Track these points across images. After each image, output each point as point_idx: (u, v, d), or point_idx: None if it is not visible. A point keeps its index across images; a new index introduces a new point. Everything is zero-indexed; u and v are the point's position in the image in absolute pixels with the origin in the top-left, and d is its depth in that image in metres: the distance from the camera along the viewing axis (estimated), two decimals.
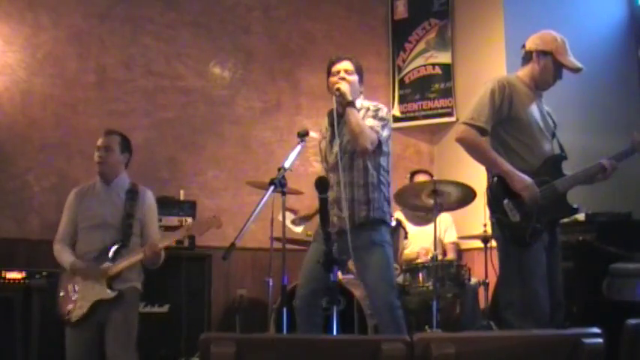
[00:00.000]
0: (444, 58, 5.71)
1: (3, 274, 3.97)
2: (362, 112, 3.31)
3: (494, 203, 3.13)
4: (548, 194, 3.05)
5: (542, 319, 2.92)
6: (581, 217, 4.04)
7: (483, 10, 5.42)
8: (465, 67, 5.60)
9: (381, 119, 3.28)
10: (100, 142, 3.52)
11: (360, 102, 3.38)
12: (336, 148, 3.25)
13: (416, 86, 5.80)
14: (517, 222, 3.02)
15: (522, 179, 3.02)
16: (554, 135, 3.28)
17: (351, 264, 3.46)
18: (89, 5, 5.14)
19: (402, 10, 5.95)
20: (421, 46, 5.81)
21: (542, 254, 3.02)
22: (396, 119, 5.86)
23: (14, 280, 3.98)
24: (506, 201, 3.05)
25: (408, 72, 5.85)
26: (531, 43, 3.24)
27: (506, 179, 3.04)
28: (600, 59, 5.09)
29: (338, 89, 3.21)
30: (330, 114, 3.35)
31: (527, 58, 3.25)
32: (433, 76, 5.74)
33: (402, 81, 5.88)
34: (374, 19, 6.04)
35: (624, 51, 5.33)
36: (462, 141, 3.11)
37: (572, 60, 3.20)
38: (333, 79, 3.33)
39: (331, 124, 3.34)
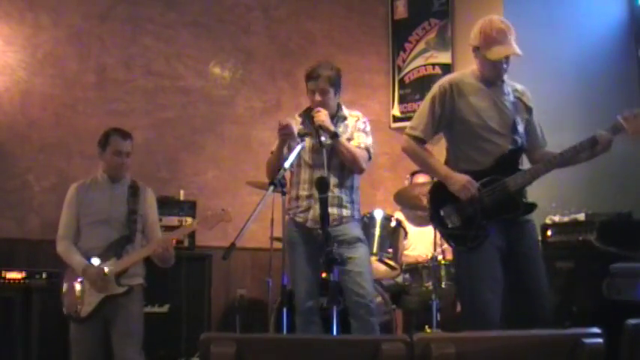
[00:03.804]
0: (444, 58, 5.71)
1: (3, 274, 3.97)
2: (352, 122, 3.46)
3: (431, 212, 3.08)
4: (497, 193, 2.86)
5: (489, 324, 2.75)
6: (581, 217, 4.04)
7: (483, 10, 5.39)
8: (464, 67, 5.52)
9: (368, 132, 3.48)
10: (124, 147, 3.50)
11: (346, 111, 3.52)
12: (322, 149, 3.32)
13: (416, 86, 5.80)
14: (456, 227, 2.91)
15: (457, 180, 2.89)
16: (514, 128, 2.99)
17: None
18: (89, 5, 5.13)
19: (402, 10, 5.95)
20: (421, 46, 5.81)
21: (493, 256, 2.85)
22: (396, 119, 5.87)
23: (14, 280, 3.98)
24: (442, 210, 2.96)
25: (408, 72, 5.85)
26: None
27: (445, 183, 2.95)
28: (600, 59, 5.09)
29: (320, 126, 3.29)
30: (311, 120, 3.38)
31: None
32: (433, 76, 5.73)
33: (402, 81, 5.89)
34: (374, 19, 6.04)
35: (624, 51, 5.32)
36: (404, 151, 3.17)
37: (497, 49, 2.88)
38: (312, 98, 3.45)
39: (315, 129, 3.35)
